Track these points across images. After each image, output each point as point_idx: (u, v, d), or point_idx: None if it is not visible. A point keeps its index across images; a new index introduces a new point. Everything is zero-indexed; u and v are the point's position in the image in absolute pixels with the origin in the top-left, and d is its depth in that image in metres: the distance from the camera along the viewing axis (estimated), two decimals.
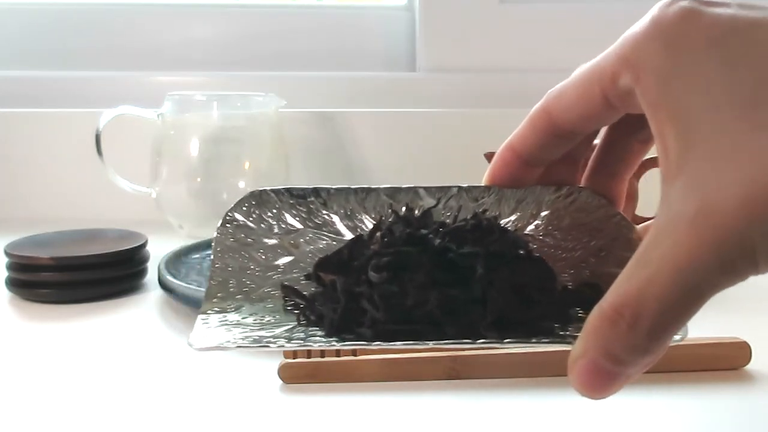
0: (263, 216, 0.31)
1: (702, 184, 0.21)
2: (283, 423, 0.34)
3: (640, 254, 0.22)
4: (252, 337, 0.26)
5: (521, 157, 0.29)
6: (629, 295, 0.22)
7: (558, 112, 0.28)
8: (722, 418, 0.35)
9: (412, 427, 0.34)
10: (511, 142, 0.30)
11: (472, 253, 0.27)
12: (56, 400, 0.37)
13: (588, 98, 0.26)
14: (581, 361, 0.23)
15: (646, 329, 0.22)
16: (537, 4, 0.93)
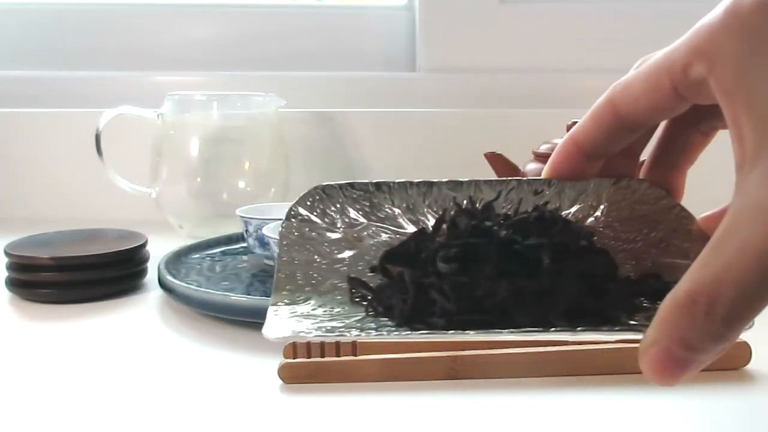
0: (326, 210, 0.32)
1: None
2: (283, 423, 0.34)
3: (716, 242, 0.22)
4: (324, 327, 0.27)
5: (583, 149, 0.30)
6: (706, 281, 0.22)
7: (624, 104, 0.28)
8: (722, 418, 0.35)
9: (412, 427, 0.34)
10: (574, 134, 0.30)
11: (538, 244, 0.28)
12: (56, 400, 0.37)
13: (657, 90, 0.26)
14: (653, 349, 0.23)
15: (722, 315, 0.22)
16: (537, 4, 0.93)
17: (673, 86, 0.26)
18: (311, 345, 0.39)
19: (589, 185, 0.31)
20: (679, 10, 0.94)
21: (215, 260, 0.60)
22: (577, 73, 0.93)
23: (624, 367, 0.39)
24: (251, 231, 0.58)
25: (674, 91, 0.26)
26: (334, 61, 0.97)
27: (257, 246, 0.58)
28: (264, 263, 0.59)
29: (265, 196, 0.73)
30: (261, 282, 0.54)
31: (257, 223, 0.57)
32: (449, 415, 0.35)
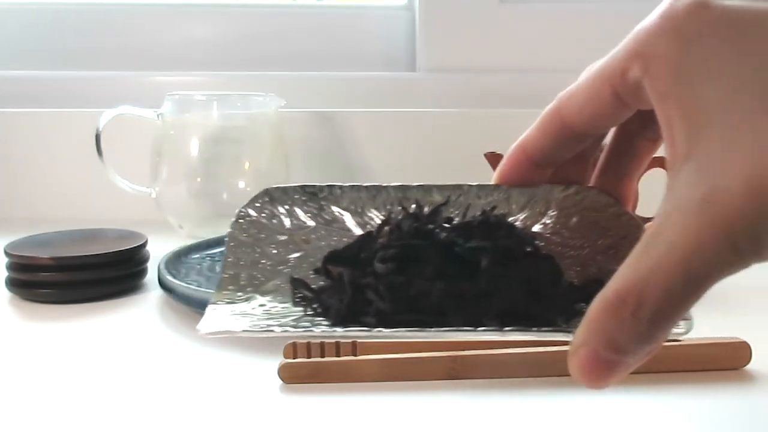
0: (275, 212, 0.32)
1: (710, 171, 0.21)
2: (283, 423, 0.34)
3: (646, 242, 0.22)
4: (259, 325, 0.27)
5: (531, 158, 0.30)
6: (634, 281, 0.22)
7: (569, 113, 0.28)
8: (722, 418, 0.35)
9: (412, 427, 0.34)
10: (522, 143, 0.30)
11: (479, 248, 0.28)
12: (56, 400, 0.37)
13: (599, 97, 0.26)
14: (582, 350, 0.23)
15: (649, 316, 0.22)
16: (537, 4, 0.93)
17: (614, 92, 0.26)
18: (311, 345, 0.39)
19: (538, 191, 0.31)
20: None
21: (215, 260, 0.60)
22: (577, 73, 0.92)
23: None
24: None
25: (616, 97, 0.26)
26: (334, 61, 0.97)
27: None
28: None
29: None
30: None
31: None
32: (449, 415, 0.35)
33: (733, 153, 0.21)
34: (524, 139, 0.30)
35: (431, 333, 0.25)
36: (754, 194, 0.20)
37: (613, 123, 0.28)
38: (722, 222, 0.21)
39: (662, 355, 0.39)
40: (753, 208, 0.20)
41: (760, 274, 0.64)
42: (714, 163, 0.21)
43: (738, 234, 0.21)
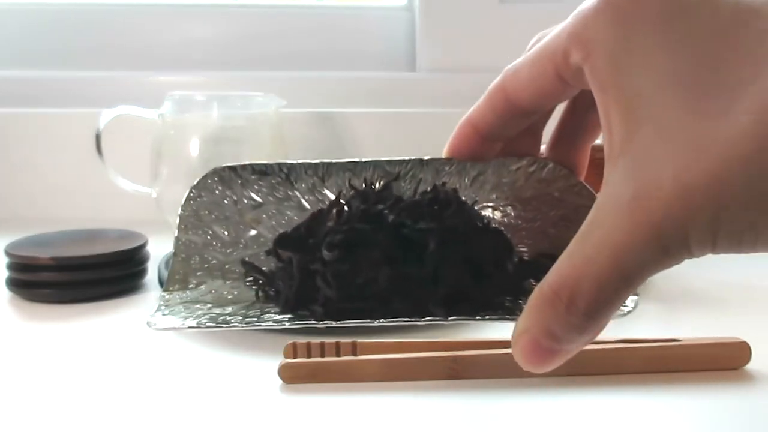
0: (226, 192, 0.32)
1: (641, 168, 0.21)
2: (283, 423, 0.34)
3: (580, 235, 0.23)
4: (209, 315, 0.27)
5: (480, 132, 0.29)
6: (567, 276, 0.22)
7: (514, 89, 0.28)
8: (722, 418, 0.35)
9: (412, 427, 0.34)
10: (470, 117, 0.30)
11: (427, 229, 0.28)
12: (56, 400, 0.37)
13: (542, 76, 0.26)
14: (524, 338, 0.23)
15: (583, 310, 0.22)
16: (537, 4, 0.93)
17: (557, 73, 0.26)
18: (311, 345, 0.40)
19: (490, 165, 0.30)
20: None
21: None
22: None
23: (624, 367, 0.39)
24: None
25: (559, 77, 0.26)
26: (334, 61, 0.97)
27: None
28: None
29: None
30: None
31: None
32: (449, 415, 0.35)
33: (664, 152, 0.21)
34: (472, 114, 0.29)
35: (376, 324, 0.25)
36: (682, 195, 0.20)
37: (559, 101, 0.28)
38: (651, 222, 0.21)
39: (662, 355, 0.39)
40: (681, 208, 0.21)
41: (760, 275, 0.65)
42: (646, 161, 0.21)
43: (667, 234, 0.21)
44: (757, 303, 0.53)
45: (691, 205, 0.20)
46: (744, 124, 0.20)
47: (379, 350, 0.40)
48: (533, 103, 0.28)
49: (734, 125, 0.20)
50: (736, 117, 0.20)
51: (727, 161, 0.20)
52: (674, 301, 0.54)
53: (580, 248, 0.22)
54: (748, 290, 0.57)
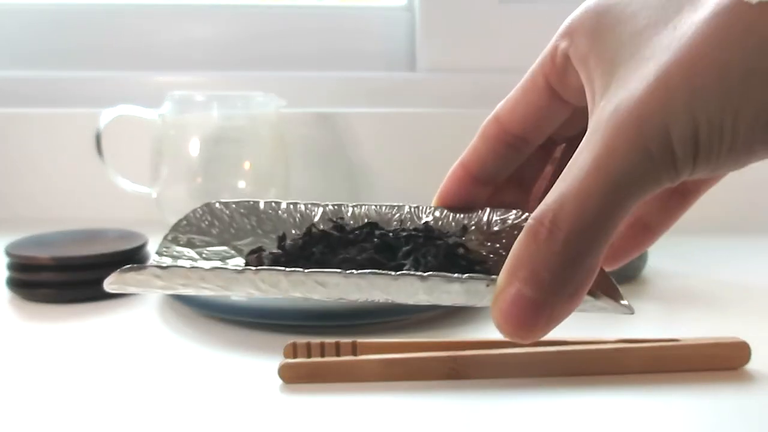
0: (214, 222, 0.34)
1: (621, 89, 0.21)
2: (283, 423, 0.34)
3: (564, 170, 0.22)
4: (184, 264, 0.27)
5: (472, 173, 0.29)
6: (550, 203, 0.21)
7: (506, 116, 0.28)
8: (722, 418, 0.35)
9: (412, 427, 0.34)
10: (462, 160, 0.30)
11: (408, 236, 0.28)
12: (56, 400, 0.37)
13: (532, 92, 0.27)
14: (504, 293, 0.22)
15: (564, 234, 0.20)
16: (537, 4, 0.94)
17: (546, 83, 0.26)
18: (311, 345, 0.40)
19: (477, 214, 0.30)
20: None
21: None
22: None
23: (624, 367, 0.39)
24: None
25: (548, 88, 0.27)
26: (334, 61, 0.97)
27: None
28: None
29: (265, 197, 0.73)
30: None
31: None
32: (449, 415, 0.35)
33: (638, 73, 0.21)
34: (464, 156, 0.29)
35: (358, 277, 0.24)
36: (657, 93, 0.20)
37: (549, 122, 0.28)
38: (631, 123, 0.20)
39: (662, 355, 0.39)
40: (657, 102, 0.20)
41: (760, 275, 0.65)
42: (625, 84, 0.21)
43: (647, 133, 0.20)
44: (757, 303, 0.53)
45: (667, 97, 0.20)
46: (707, 18, 0.20)
47: (379, 350, 0.40)
48: (524, 126, 0.28)
49: (697, 26, 0.21)
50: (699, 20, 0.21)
51: (693, 51, 0.20)
52: (674, 301, 0.54)
53: (563, 177, 0.21)
54: (748, 290, 0.57)
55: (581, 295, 0.21)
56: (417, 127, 0.87)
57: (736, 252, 0.71)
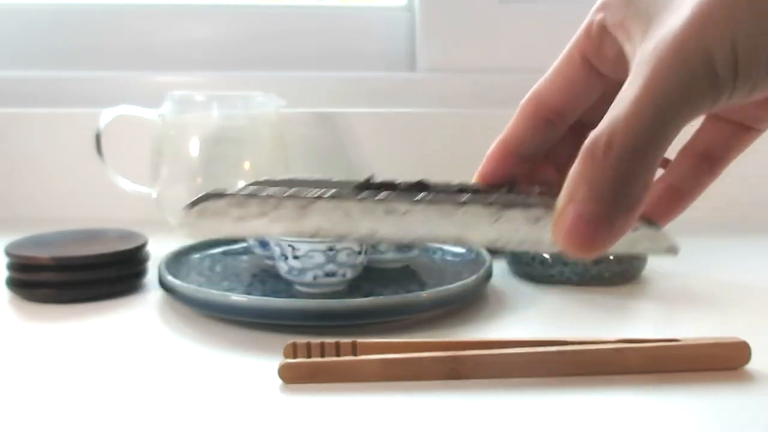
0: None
1: (660, 30, 0.23)
2: (283, 423, 0.34)
3: (616, 98, 0.23)
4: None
5: (511, 150, 0.31)
6: (605, 125, 0.23)
7: (544, 92, 0.30)
8: (722, 418, 0.35)
9: (412, 427, 0.34)
10: (501, 138, 0.31)
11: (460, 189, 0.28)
12: (56, 400, 0.37)
13: (568, 67, 0.29)
14: (564, 213, 0.23)
15: (618, 150, 0.22)
16: (537, 4, 0.94)
17: (582, 57, 0.28)
18: (311, 345, 0.40)
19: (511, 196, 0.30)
20: None
21: (215, 260, 0.60)
22: None
23: (624, 367, 0.39)
24: None
25: (584, 62, 0.28)
26: (334, 61, 0.97)
27: (257, 246, 0.58)
28: (264, 263, 0.59)
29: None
30: (261, 282, 0.54)
31: None
32: (449, 415, 0.35)
33: (679, 11, 0.23)
34: (503, 134, 0.31)
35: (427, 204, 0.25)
36: (699, 19, 0.22)
37: (584, 96, 0.29)
38: (674, 49, 0.22)
39: (662, 355, 0.39)
40: (700, 27, 0.22)
41: (760, 274, 0.64)
42: (663, 25, 0.23)
43: (690, 57, 0.22)
44: (757, 303, 0.53)
45: (706, 24, 0.22)
46: None
47: (379, 350, 0.40)
48: (562, 100, 0.29)
49: None
50: None
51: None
52: (674, 301, 0.54)
53: (616, 103, 0.23)
54: (748, 290, 0.57)
55: (637, 209, 0.23)
56: (417, 127, 0.87)
57: (736, 252, 0.71)
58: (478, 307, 0.52)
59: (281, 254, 0.49)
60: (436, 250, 0.63)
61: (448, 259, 0.61)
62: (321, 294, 0.50)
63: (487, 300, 0.54)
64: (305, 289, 0.51)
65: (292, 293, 0.51)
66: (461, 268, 0.57)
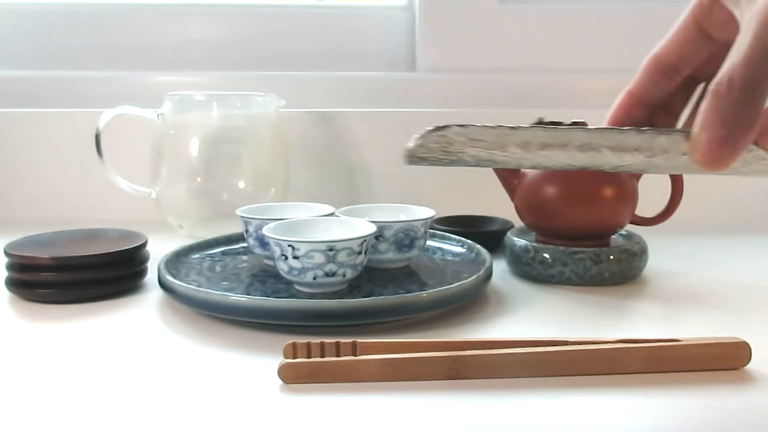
0: None
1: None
2: (283, 423, 0.34)
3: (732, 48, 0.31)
4: None
5: (635, 98, 0.39)
6: (725, 70, 0.31)
7: (662, 51, 0.38)
8: (722, 418, 0.35)
9: (412, 427, 0.34)
10: (629, 87, 0.40)
11: None
12: (56, 400, 0.37)
13: (683, 29, 0.37)
14: (700, 137, 0.31)
15: (738, 86, 0.30)
16: (537, 4, 0.94)
17: (695, 21, 0.37)
18: (311, 345, 0.40)
19: None
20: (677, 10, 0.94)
21: (215, 260, 0.60)
22: (577, 73, 0.93)
23: (624, 367, 0.39)
24: (251, 231, 0.58)
25: (696, 26, 0.37)
26: (334, 61, 0.97)
27: (257, 246, 0.58)
28: (264, 263, 0.59)
29: (265, 196, 0.73)
30: (261, 282, 0.54)
31: (257, 223, 0.57)
32: (449, 415, 0.35)
33: None
34: (629, 87, 0.40)
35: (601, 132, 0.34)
36: None
37: (695, 54, 0.38)
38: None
39: (662, 355, 0.39)
40: None
41: (760, 274, 0.64)
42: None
43: None
44: (758, 303, 0.53)
45: None
46: None
47: (379, 350, 0.40)
48: (677, 56, 0.38)
49: None
50: None
51: None
52: (674, 301, 0.54)
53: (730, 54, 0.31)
54: (749, 290, 0.57)
55: (754, 130, 0.30)
56: (417, 127, 0.87)
57: (736, 252, 0.71)
58: (478, 307, 0.52)
59: (281, 254, 0.49)
60: (436, 250, 0.63)
61: (448, 259, 0.61)
62: (321, 294, 0.50)
63: (487, 300, 0.54)
64: (305, 289, 0.51)
65: (292, 293, 0.51)
66: (461, 268, 0.57)
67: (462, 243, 0.63)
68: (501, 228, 0.70)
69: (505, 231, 0.65)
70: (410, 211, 0.60)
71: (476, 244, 0.61)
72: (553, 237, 0.60)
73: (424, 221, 0.57)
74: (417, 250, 0.57)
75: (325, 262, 0.49)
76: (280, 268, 0.51)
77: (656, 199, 0.62)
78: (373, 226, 0.52)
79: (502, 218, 0.74)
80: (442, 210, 0.70)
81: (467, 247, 0.62)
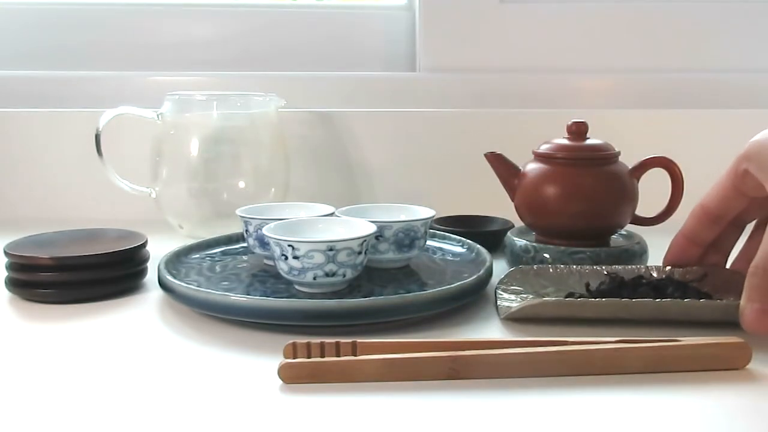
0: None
1: None
2: (283, 423, 0.34)
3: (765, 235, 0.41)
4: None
5: (688, 239, 0.52)
6: (759, 256, 0.41)
7: (708, 202, 0.50)
8: (722, 418, 0.35)
9: (412, 427, 0.34)
10: (682, 231, 0.52)
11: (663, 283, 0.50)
12: (56, 400, 0.37)
13: (723, 188, 0.49)
14: (747, 309, 0.42)
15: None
16: (537, 4, 0.94)
17: (734, 185, 0.48)
18: (311, 345, 0.40)
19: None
20: (678, 10, 0.94)
21: (215, 260, 0.60)
22: (577, 73, 0.93)
23: (624, 367, 0.39)
24: (251, 231, 0.58)
25: (735, 187, 0.48)
26: (334, 61, 0.97)
27: (257, 246, 0.58)
28: (264, 263, 0.59)
29: (265, 196, 0.73)
30: (261, 282, 0.54)
31: (257, 223, 0.57)
32: (449, 415, 0.35)
33: None
34: (683, 230, 0.52)
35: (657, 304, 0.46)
36: None
37: (735, 206, 0.50)
38: None
39: (662, 355, 0.39)
40: None
41: None
42: None
43: None
44: None
45: None
46: None
47: (379, 350, 0.40)
48: (720, 208, 0.50)
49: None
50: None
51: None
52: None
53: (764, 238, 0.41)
54: None
55: None
56: (417, 127, 0.87)
57: (735, 252, 0.71)
58: (478, 307, 0.52)
59: (281, 254, 0.49)
60: (436, 250, 0.63)
61: (448, 259, 0.61)
62: (321, 294, 0.50)
63: (487, 300, 0.54)
64: (305, 289, 0.51)
65: (292, 293, 0.51)
66: (461, 268, 0.57)
67: (462, 243, 0.63)
68: (501, 228, 0.70)
69: (505, 231, 0.65)
70: (410, 211, 0.60)
71: (476, 244, 0.61)
72: (553, 237, 0.60)
73: (424, 221, 0.57)
74: (417, 250, 0.57)
75: (325, 262, 0.49)
76: (280, 268, 0.51)
77: (656, 199, 0.62)
78: (373, 226, 0.52)
79: (502, 218, 0.74)
80: (442, 210, 0.70)
81: (467, 247, 0.62)
